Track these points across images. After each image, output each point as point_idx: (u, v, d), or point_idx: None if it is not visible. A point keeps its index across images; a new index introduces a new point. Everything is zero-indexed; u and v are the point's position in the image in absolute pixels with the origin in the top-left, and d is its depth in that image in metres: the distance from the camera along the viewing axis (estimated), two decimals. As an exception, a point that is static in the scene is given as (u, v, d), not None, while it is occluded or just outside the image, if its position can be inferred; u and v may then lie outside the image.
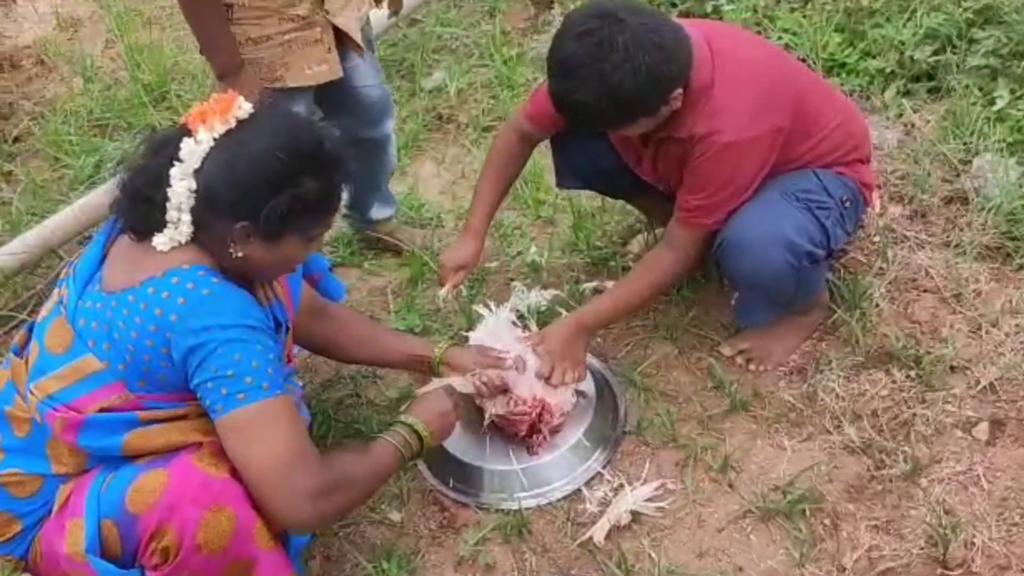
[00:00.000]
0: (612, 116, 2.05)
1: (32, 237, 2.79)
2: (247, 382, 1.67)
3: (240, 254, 1.74)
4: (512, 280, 2.71)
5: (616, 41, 1.95)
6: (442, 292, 2.41)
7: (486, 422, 2.20)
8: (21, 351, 1.84)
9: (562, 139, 2.46)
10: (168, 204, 1.69)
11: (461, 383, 2.14)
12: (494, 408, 2.19)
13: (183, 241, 1.72)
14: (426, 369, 2.24)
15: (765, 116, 2.11)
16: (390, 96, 2.67)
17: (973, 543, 2.00)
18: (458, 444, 2.24)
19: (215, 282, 1.69)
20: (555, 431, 2.24)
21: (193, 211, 1.70)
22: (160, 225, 1.71)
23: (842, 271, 2.55)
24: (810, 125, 2.22)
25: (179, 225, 1.70)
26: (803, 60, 3.13)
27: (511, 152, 2.45)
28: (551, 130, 2.40)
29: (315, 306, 2.15)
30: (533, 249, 2.81)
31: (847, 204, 2.27)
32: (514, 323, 2.37)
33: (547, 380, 2.23)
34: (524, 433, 2.21)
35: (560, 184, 2.62)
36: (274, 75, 2.31)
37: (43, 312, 1.83)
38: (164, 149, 1.72)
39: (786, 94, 2.15)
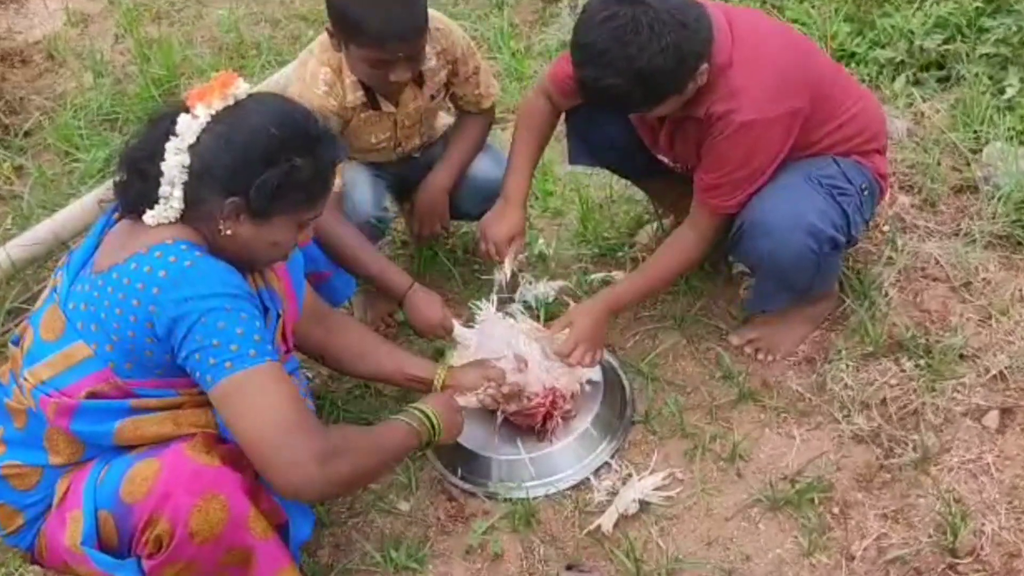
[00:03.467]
0: (641, 98, 2.04)
1: (42, 230, 2.80)
2: (232, 350, 1.65)
3: (229, 231, 1.73)
4: (520, 271, 2.70)
5: (640, 22, 1.94)
6: (506, 269, 2.37)
7: (499, 420, 2.20)
8: (21, 341, 1.85)
9: (577, 116, 2.45)
10: (161, 179, 1.70)
11: (476, 401, 2.15)
12: (507, 406, 2.19)
13: (172, 218, 1.72)
14: (425, 390, 2.19)
15: (783, 97, 2.10)
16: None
17: (982, 531, 2.00)
18: (467, 433, 2.24)
19: (197, 255, 1.69)
20: (567, 416, 2.25)
21: (185, 187, 1.70)
22: (152, 201, 1.72)
23: (851, 260, 2.54)
24: (829, 110, 2.21)
25: (170, 200, 1.71)
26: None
27: (541, 114, 2.44)
28: (572, 101, 2.38)
29: (317, 312, 2.14)
30: (541, 240, 2.80)
31: (865, 192, 2.26)
32: (507, 314, 2.37)
33: (566, 359, 2.23)
34: (540, 424, 2.22)
35: (573, 161, 2.59)
36: None
37: (39, 301, 1.84)
38: (161, 123, 1.73)
39: (804, 77, 2.15)
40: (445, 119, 2.68)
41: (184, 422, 1.75)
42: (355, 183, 2.41)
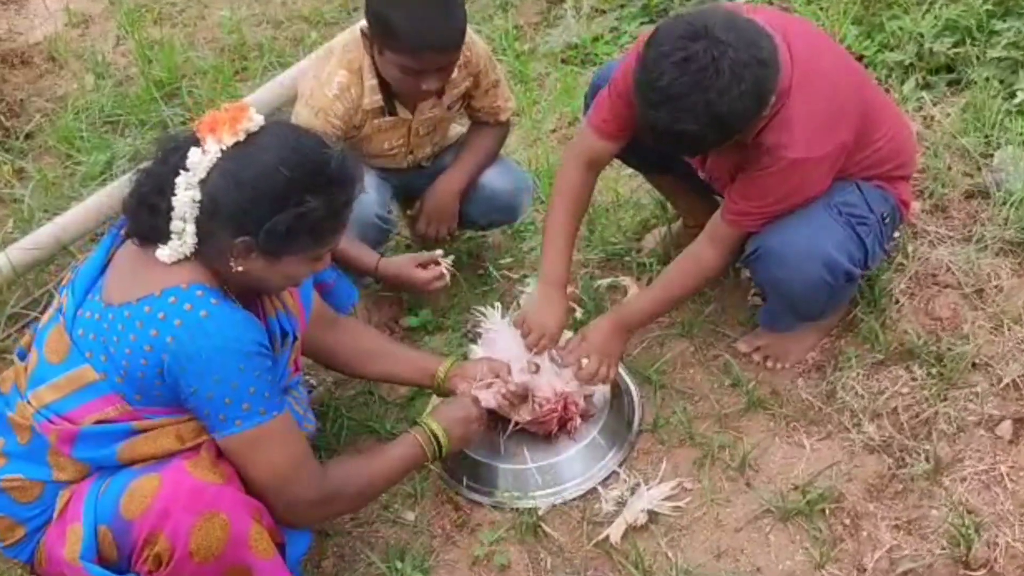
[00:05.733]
0: (714, 140, 1.96)
1: (44, 234, 2.78)
2: (244, 408, 1.68)
3: (240, 268, 1.71)
4: (525, 276, 2.68)
5: (721, 65, 1.84)
6: (556, 360, 2.23)
7: (510, 429, 2.17)
8: (26, 354, 1.83)
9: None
10: (172, 213, 1.67)
11: (484, 398, 2.12)
12: (519, 415, 2.16)
13: (188, 253, 1.70)
14: (435, 386, 2.20)
15: (834, 131, 2.04)
16: (521, 189, 2.61)
17: (996, 543, 1.97)
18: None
19: (213, 303, 1.67)
20: (587, 416, 2.22)
21: (197, 222, 1.68)
22: (163, 235, 1.69)
23: (861, 267, 2.51)
24: (866, 137, 2.14)
25: (183, 236, 1.68)
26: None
27: (580, 185, 2.31)
28: (625, 140, 2.26)
29: (325, 317, 2.12)
30: (547, 245, 2.77)
31: (887, 220, 2.22)
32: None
33: (578, 374, 2.20)
34: (556, 429, 2.19)
35: None
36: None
37: (44, 318, 1.82)
38: (172, 156, 1.70)
39: (854, 108, 2.08)
40: (456, 129, 2.66)
41: (187, 435, 1.74)
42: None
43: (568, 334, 2.33)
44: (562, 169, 2.35)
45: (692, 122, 1.88)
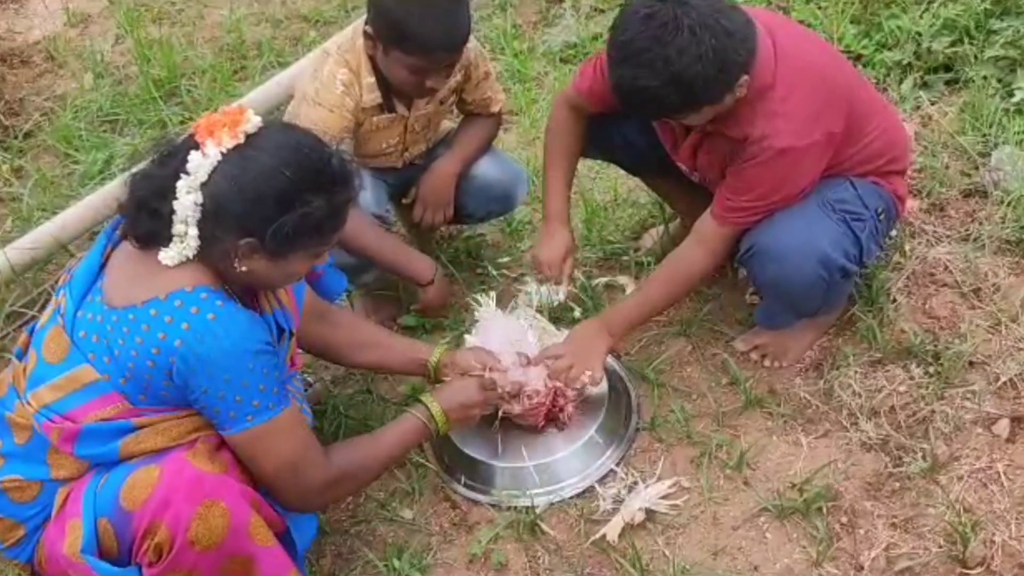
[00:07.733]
0: (676, 103, 1.97)
1: (43, 233, 2.78)
2: (254, 405, 1.71)
3: (244, 269, 1.73)
4: (524, 275, 2.68)
5: (682, 24, 1.88)
6: (563, 288, 2.35)
7: (498, 420, 2.17)
8: (23, 354, 1.83)
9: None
10: (174, 217, 1.68)
11: (500, 381, 2.12)
12: (510, 407, 2.16)
13: (191, 256, 1.70)
14: (427, 375, 2.21)
15: (821, 122, 2.05)
16: (515, 178, 2.63)
17: (993, 541, 1.97)
18: (470, 441, 2.22)
19: (219, 305, 1.68)
20: (576, 407, 2.21)
21: (199, 225, 1.68)
22: (164, 238, 1.70)
23: (859, 265, 2.51)
24: (857, 131, 2.15)
25: (186, 239, 1.69)
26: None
27: (570, 126, 2.39)
28: (600, 107, 2.31)
29: (317, 309, 2.13)
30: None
31: (881, 216, 2.22)
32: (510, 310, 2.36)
33: (560, 375, 2.19)
34: (543, 423, 2.19)
35: (584, 154, 2.54)
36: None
37: (42, 319, 1.83)
38: (171, 160, 1.70)
39: (841, 100, 2.09)
40: (447, 125, 2.67)
41: (187, 428, 1.75)
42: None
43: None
44: (552, 117, 2.43)
45: (651, 78, 1.91)
